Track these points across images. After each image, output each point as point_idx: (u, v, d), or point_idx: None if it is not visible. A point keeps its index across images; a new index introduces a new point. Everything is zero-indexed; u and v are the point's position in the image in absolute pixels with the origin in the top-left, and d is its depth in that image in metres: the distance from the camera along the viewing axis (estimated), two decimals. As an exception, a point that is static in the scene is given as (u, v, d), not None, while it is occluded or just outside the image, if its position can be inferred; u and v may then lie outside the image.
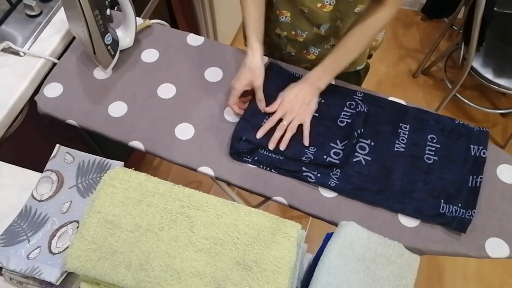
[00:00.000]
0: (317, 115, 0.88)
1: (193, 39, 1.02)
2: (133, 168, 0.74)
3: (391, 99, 0.91)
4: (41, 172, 0.79)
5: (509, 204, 0.79)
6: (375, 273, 0.65)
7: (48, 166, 0.79)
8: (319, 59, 0.91)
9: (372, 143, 0.85)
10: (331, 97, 0.91)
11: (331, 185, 0.79)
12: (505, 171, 0.82)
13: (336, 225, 0.74)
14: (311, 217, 0.83)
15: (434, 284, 1.59)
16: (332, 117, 0.88)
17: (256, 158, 0.83)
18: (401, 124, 0.87)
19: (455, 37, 2.03)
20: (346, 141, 0.84)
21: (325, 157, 0.82)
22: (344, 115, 0.89)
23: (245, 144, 0.82)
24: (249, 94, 0.89)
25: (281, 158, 0.83)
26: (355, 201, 0.79)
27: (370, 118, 0.88)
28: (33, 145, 1.05)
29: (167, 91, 0.93)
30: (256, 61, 0.86)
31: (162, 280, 0.63)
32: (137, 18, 0.99)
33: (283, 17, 0.94)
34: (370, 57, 1.11)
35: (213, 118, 0.89)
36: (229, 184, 0.84)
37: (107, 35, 0.89)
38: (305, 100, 0.86)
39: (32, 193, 0.77)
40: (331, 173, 0.81)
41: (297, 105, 0.85)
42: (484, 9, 1.35)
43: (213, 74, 0.96)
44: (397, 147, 0.84)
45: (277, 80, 0.92)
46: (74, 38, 1.01)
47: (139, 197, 0.69)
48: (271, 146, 0.83)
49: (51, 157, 0.80)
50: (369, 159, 0.83)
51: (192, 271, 0.64)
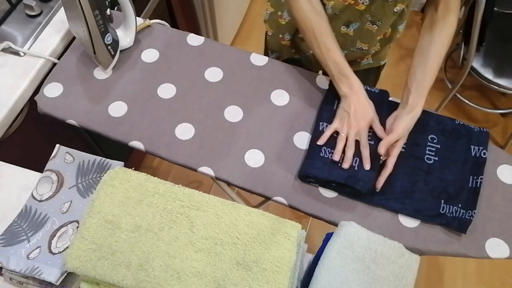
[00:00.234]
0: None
1: (193, 39, 1.02)
2: (133, 168, 0.74)
3: (391, 99, 0.91)
4: (41, 172, 0.79)
5: (509, 204, 0.79)
6: (375, 273, 0.65)
7: (48, 166, 0.79)
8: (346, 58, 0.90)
9: (372, 143, 0.85)
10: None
11: (332, 184, 0.79)
12: (505, 172, 0.82)
13: (336, 225, 0.74)
14: (311, 217, 0.83)
15: (434, 284, 1.59)
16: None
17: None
18: None
19: (455, 37, 2.03)
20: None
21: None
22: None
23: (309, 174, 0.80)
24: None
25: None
26: (355, 201, 0.79)
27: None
28: (33, 145, 1.05)
29: (167, 91, 0.93)
30: (367, 98, 0.83)
31: (162, 280, 0.63)
32: (137, 18, 0.99)
33: None
34: None
35: (214, 118, 0.89)
36: (229, 184, 0.84)
37: (107, 35, 0.89)
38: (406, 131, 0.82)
39: (32, 193, 0.77)
40: None
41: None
42: (484, 9, 1.35)
43: (213, 74, 0.96)
44: None
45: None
46: (74, 38, 1.01)
47: (139, 197, 0.69)
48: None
49: (51, 157, 0.80)
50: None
51: (192, 271, 0.64)
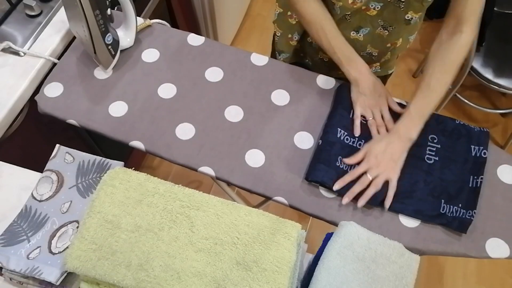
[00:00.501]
0: None
1: (194, 39, 1.02)
2: (133, 168, 0.74)
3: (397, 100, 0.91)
4: (41, 172, 0.79)
5: (510, 204, 0.79)
6: (375, 273, 0.65)
7: (48, 166, 0.79)
8: None
9: None
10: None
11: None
12: (505, 172, 0.82)
13: (336, 225, 0.74)
14: (311, 217, 0.83)
15: (434, 284, 1.59)
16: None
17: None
18: None
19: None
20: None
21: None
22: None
23: (320, 181, 0.79)
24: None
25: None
26: (355, 201, 0.79)
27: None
28: (33, 145, 1.05)
29: (167, 91, 0.93)
30: (374, 75, 0.87)
31: (162, 280, 0.63)
32: (138, 18, 0.99)
33: None
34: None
35: (214, 118, 0.89)
36: (229, 184, 0.84)
37: (107, 35, 0.89)
38: (394, 156, 0.78)
39: (32, 193, 0.77)
40: None
41: (384, 161, 0.78)
42: (484, 9, 1.35)
43: (214, 74, 0.96)
44: None
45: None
46: (74, 38, 1.01)
47: (139, 197, 0.69)
48: (345, 200, 0.77)
49: (51, 157, 0.80)
50: None
51: (192, 271, 0.64)
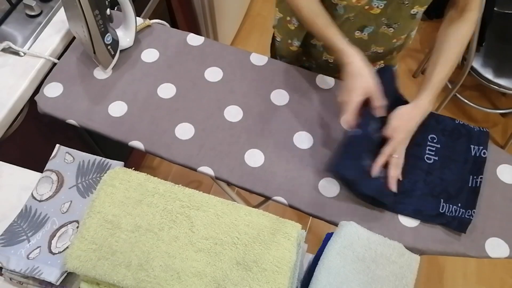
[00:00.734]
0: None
1: (193, 39, 1.02)
2: (133, 168, 0.74)
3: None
4: (41, 172, 0.79)
5: (509, 204, 0.79)
6: (375, 273, 0.65)
7: (48, 166, 0.79)
8: None
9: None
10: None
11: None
12: (505, 171, 0.82)
13: (336, 225, 0.74)
14: (311, 217, 0.83)
15: (434, 284, 1.59)
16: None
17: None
18: None
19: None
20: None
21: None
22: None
23: (345, 177, 0.78)
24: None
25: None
26: (355, 201, 0.79)
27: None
28: (33, 145, 1.05)
29: (167, 91, 0.93)
30: (363, 66, 0.77)
31: (162, 280, 0.63)
32: (137, 18, 0.99)
33: None
34: None
35: (213, 118, 0.89)
36: (229, 184, 0.84)
37: (107, 35, 0.89)
38: (412, 129, 0.79)
39: (32, 193, 0.77)
40: None
41: (407, 136, 0.79)
42: (484, 9, 1.35)
43: (213, 74, 0.96)
44: None
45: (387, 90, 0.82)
46: (74, 38, 1.01)
47: (139, 197, 0.69)
48: (394, 188, 0.76)
49: (51, 157, 0.80)
50: None
51: (192, 271, 0.64)
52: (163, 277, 0.63)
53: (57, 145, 0.81)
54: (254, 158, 0.84)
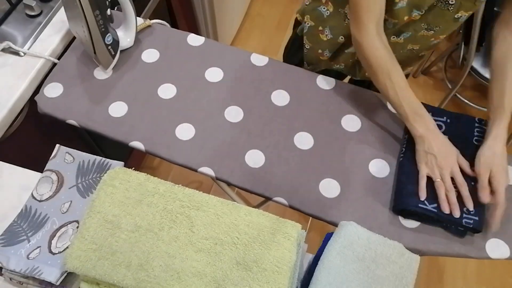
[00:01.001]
0: None
1: (194, 39, 1.02)
2: (133, 168, 0.74)
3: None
4: (41, 172, 0.79)
5: (510, 204, 0.79)
6: (375, 273, 0.65)
7: (48, 166, 0.79)
8: None
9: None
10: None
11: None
12: (505, 172, 0.82)
13: (336, 225, 0.74)
14: (311, 217, 0.83)
15: (434, 284, 1.59)
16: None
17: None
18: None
19: (455, 37, 2.03)
20: None
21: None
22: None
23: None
24: None
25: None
26: (355, 201, 0.79)
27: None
28: (33, 145, 1.05)
29: (167, 91, 0.93)
30: (446, 140, 0.77)
31: (162, 280, 0.63)
32: (138, 18, 0.99)
33: None
34: None
35: (214, 118, 0.89)
36: (229, 184, 0.84)
37: (107, 35, 0.89)
38: (503, 160, 0.76)
39: (32, 193, 0.77)
40: None
41: (500, 170, 0.75)
42: (484, 9, 1.35)
43: (214, 74, 0.96)
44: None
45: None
46: (74, 38, 1.01)
47: (139, 197, 0.69)
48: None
49: (51, 157, 0.80)
50: None
51: (192, 271, 0.64)
52: (163, 277, 0.63)
53: (57, 145, 0.81)
54: (254, 158, 0.84)
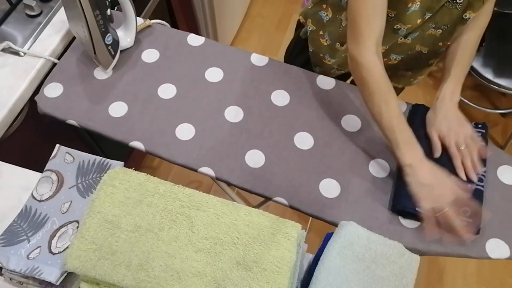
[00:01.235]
0: None
1: (194, 39, 1.02)
2: (133, 168, 0.74)
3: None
4: (41, 172, 0.79)
5: (510, 205, 0.79)
6: (375, 273, 0.65)
7: (48, 166, 0.79)
8: (402, 63, 0.90)
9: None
10: None
11: None
12: (505, 173, 0.82)
13: (336, 225, 0.74)
14: (311, 217, 0.83)
15: (434, 284, 1.59)
16: None
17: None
18: None
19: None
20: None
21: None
22: None
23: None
24: None
25: None
26: (355, 201, 0.79)
27: None
28: (33, 145, 1.05)
29: (167, 91, 0.93)
30: (438, 169, 0.75)
31: (162, 280, 0.63)
32: (138, 18, 0.99)
33: None
34: None
35: (214, 118, 0.89)
36: (229, 184, 0.84)
37: (107, 35, 0.89)
38: (458, 116, 0.81)
39: (32, 193, 0.77)
40: None
41: (454, 124, 0.80)
42: (484, 10, 1.35)
43: (214, 74, 0.96)
44: None
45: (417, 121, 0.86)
46: (74, 38, 1.01)
47: (139, 197, 0.69)
48: (463, 174, 0.78)
49: (51, 157, 0.80)
50: None
51: (192, 271, 0.64)
52: (163, 277, 0.63)
53: (57, 145, 0.81)
54: (254, 158, 0.84)
